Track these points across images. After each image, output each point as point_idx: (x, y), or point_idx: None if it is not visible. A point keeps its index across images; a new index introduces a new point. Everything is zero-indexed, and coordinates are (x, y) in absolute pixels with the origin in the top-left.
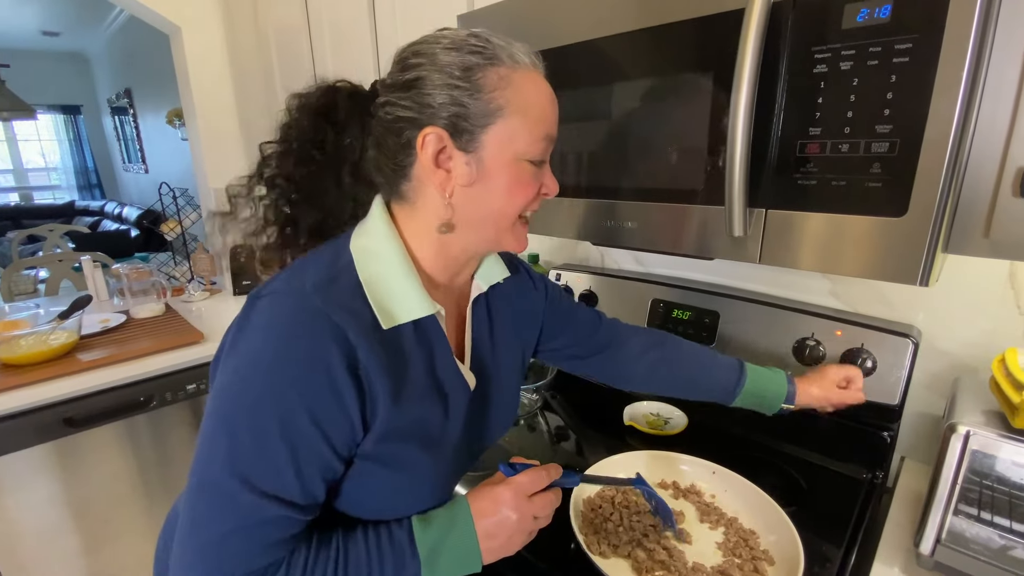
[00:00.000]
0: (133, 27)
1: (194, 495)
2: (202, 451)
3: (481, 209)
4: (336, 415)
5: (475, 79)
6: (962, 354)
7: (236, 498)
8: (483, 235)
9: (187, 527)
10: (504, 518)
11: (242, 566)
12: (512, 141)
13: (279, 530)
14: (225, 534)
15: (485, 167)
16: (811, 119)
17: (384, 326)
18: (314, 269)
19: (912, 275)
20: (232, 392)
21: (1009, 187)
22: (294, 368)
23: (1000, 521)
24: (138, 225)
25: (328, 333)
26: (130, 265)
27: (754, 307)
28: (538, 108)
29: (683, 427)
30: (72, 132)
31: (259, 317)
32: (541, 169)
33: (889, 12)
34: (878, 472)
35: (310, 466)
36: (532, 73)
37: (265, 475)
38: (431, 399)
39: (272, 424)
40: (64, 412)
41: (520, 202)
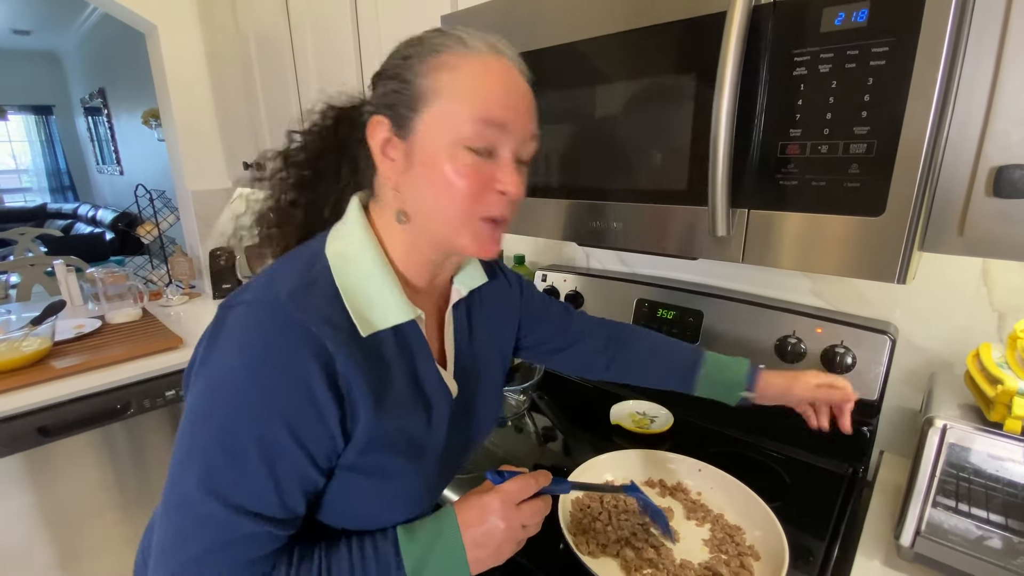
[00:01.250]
0: (107, 25)
1: (170, 514)
2: (176, 469)
3: (424, 200)
4: (316, 429)
5: (414, 66)
6: (938, 350)
7: (213, 516)
8: (434, 231)
9: (164, 548)
10: (492, 527)
11: None
12: (445, 125)
13: (259, 547)
14: (203, 553)
15: (419, 153)
16: (791, 120)
17: (363, 333)
18: (289, 276)
19: (889, 273)
20: (206, 408)
21: (983, 186)
22: (271, 383)
23: (977, 512)
24: (113, 228)
25: (305, 344)
26: (105, 269)
27: (737, 306)
28: (478, 90)
29: (669, 426)
30: (44, 133)
31: (232, 329)
32: (491, 161)
33: (866, 16)
34: (858, 466)
35: (290, 482)
36: (484, 57)
37: (243, 493)
38: (413, 407)
39: (249, 441)
40: (37, 421)
41: (460, 195)
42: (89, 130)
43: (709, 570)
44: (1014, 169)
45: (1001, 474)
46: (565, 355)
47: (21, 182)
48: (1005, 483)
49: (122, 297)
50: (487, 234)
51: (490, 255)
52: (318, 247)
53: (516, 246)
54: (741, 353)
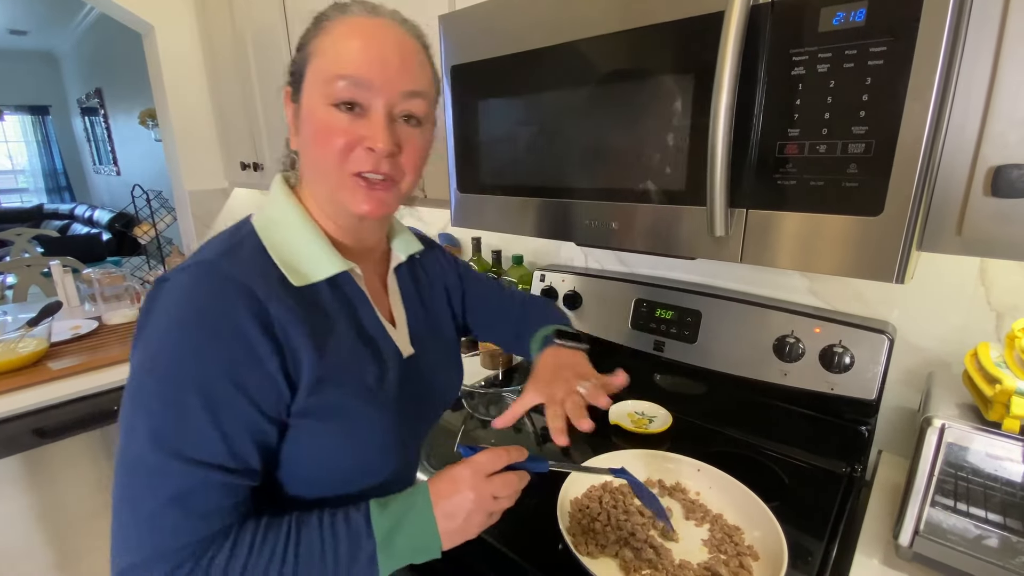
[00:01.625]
0: (104, 25)
1: (121, 476)
2: (123, 433)
3: (307, 159)
4: (256, 375)
5: (307, 34)
6: (936, 349)
7: (164, 469)
8: (320, 189)
9: (120, 509)
10: (462, 498)
11: (182, 537)
12: (316, 85)
13: (215, 496)
14: (159, 508)
15: (302, 115)
16: (790, 120)
17: (296, 283)
18: (215, 243)
19: (888, 273)
20: (147, 369)
21: (980, 186)
22: (206, 334)
23: (975, 511)
24: (110, 228)
25: (235, 293)
26: (102, 270)
27: (735, 306)
28: (338, 48)
29: (667, 425)
30: (40, 133)
31: (165, 296)
32: (362, 121)
33: (864, 15)
34: (857, 466)
35: (237, 430)
36: (354, 18)
37: (190, 444)
38: (361, 351)
39: (190, 392)
40: (34, 423)
41: (329, 150)
42: (86, 130)
43: (708, 570)
44: (1012, 169)
45: (999, 473)
46: (505, 329)
47: (17, 182)
48: (1003, 482)
49: (119, 298)
50: (364, 193)
51: (371, 213)
52: (243, 220)
53: (515, 246)
54: (740, 353)
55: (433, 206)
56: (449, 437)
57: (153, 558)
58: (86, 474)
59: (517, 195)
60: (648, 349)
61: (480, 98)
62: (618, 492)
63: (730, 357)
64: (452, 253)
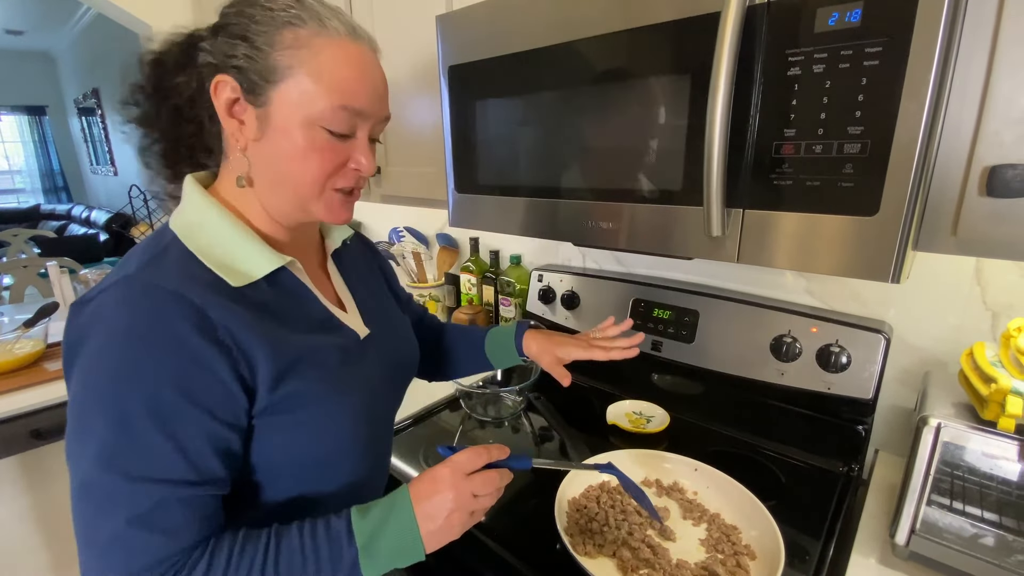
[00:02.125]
0: (101, 25)
1: (77, 501)
2: (71, 459)
3: (275, 168)
4: (205, 382)
5: (271, 35)
6: (932, 348)
7: (119, 491)
8: (285, 197)
9: (80, 535)
10: (442, 498)
11: (150, 556)
12: (301, 104)
13: (179, 512)
14: (121, 530)
15: (273, 125)
16: (786, 121)
17: (234, 284)
18: (136, 256)
19: (884, 272)
20: (87, 391)
21: (976, 186)
22: (145, 348)
23: (971, 510)
24: (107, 229)
25: (167, 302)
26: (99, 270)
27: (733, 305)
28: (336, 77)
29: (665, 425)
30: (37, 133)
31: (93, 317)
32: (347, 142)
33: (859, 16)
34: (853, 465)
35: (194, 441)
36: (342, 41)
37: (142, 461)
38: (317, 340)
39: (136, 409)
40: (31, 424)
41: (315, 169)
42: (83, 130)
43: (705, 570)
44: (1006, 169)
45: (995, 472)
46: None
47: (14, 183)
48: (999, 481)
49: None
50: (339, 203)
51: (343, 222)
52: (162, 228)
53: (513, 246)
54: (737, 353)
55: (431, 206)
56: (447, 437)
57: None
58: None
59: (515, 195)
60: (646, 349)
61: (477, 98)
62: (616, 492)
63: (727, 357)
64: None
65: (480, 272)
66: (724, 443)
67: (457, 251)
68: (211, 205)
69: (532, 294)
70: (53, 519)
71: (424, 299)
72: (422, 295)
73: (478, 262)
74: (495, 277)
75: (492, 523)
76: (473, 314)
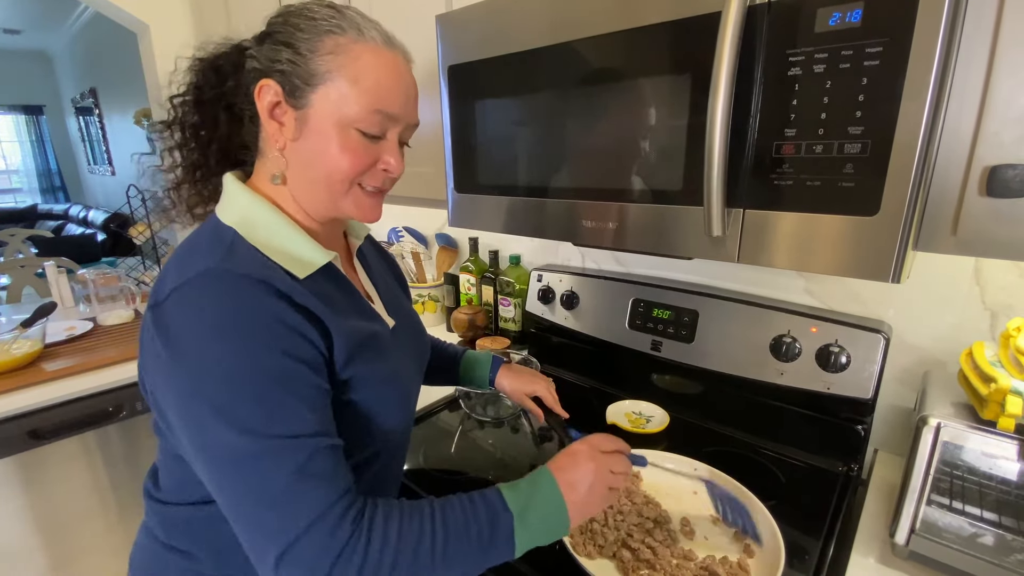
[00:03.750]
0: (98, 25)
1: (232, 475)
2: (209, 441)
3: (310, 168)
4: (307, 349)
5: (312, 41)
6: (931, 348)
7: (273, 451)
8: (317, 195)
9: (242, 507)
10: (583, 469)
11: (323, 499)
12: (338, 106)
13: (326, 460)
14: (287, 483)
15: (310, 126)
16: (786, 121)
17: (301, 276)
18: (202, 253)
19: (884, 272)
20: (204, 384)
21: (976, 186)
22: (246, 325)
23: (971, 510)
24: (105, 229)
25: (258, 287)
26: (97, 271)
27: (733, 305)
28: (372, 81)
29: (664, 425)
30: (34, 133)
31: (183, 311)
32: (378, 144)
33: (860, 16)
34: (853, 465)
35: (312, 398)
36: (378, 48)
37: (283, 421)
38: (365, 327)
39: (260, 378)
40: (28, 424)
41: (346, 168)
42: (80, 130)
43: (705, 570)
44: (1006, 169)
45: (994, 472)
46: None
47: (11, 183)
48: (998, 481)
49: (114, 299)
50: (368, 203)
51: (373, 220)
52: (213, 226)
53: (512, 246)
54: (737, 353)
55: (430, 206)
56: (446, 437)
57: (307, 529)
58: (81, 476)
59: (514, 195)
60: (645, 349)
61: (477, 98)
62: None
63: (727, 357)
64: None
65: (479, 272)
66: (723, 443)
67: (456, 251)
68: (262, 203)
69: (532, 294)
70: (50, 519)
71: (423, 299)
72: (421, 295)
73: (477, 262)
74: (494, 277)
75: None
76: (472, 314)
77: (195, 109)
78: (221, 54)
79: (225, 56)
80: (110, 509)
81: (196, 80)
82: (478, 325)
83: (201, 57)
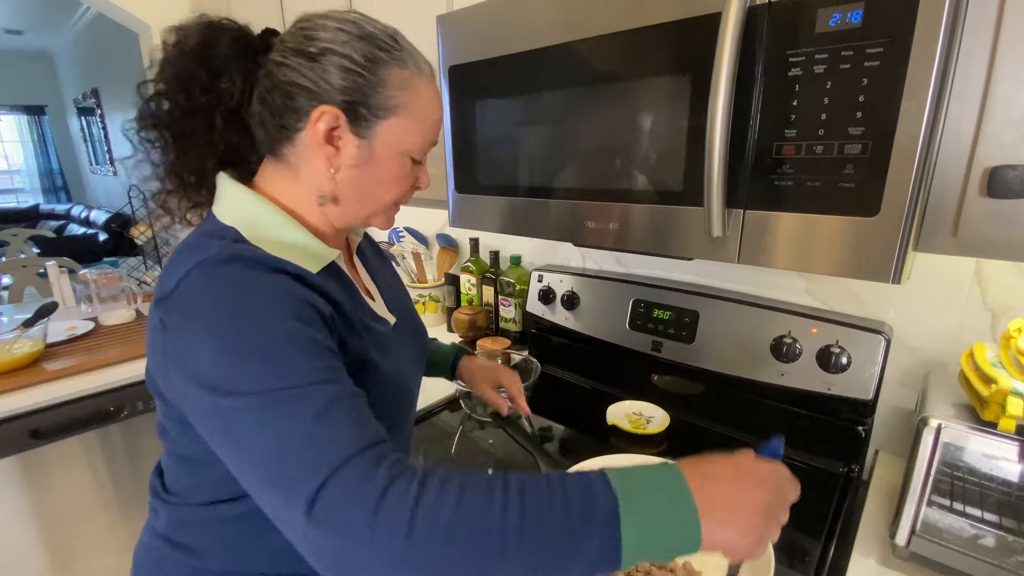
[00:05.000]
0: (100, 25)
1: (245, 438)
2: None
3: (363, 191)
4: (317, 320)
5: (380, 73)
6: (932, 349)
7: (294, 398)
8: (359, 213)
9: (268, 452)
10: (730, 466)
11: (352, 442)
12: (403, 138)
13: (352, 405)
14: (311, 426)
15: (374, 154)
16: (787, 121)
17: (312, 270)
18: (207, 248)
19: (885, 273)
20: (220, 351)
21: (976, 187)
22: (260, 296)
23: (972, 511)
24: (106, 229)
25: (270, 268)
26: (98, 270)
27: (733, 306)
28: (432, 116)
29: (665, 426)
30: (36, 133)
31: (190, 297)
32: (418, 166)
33: (860, 17)
34: (854, 466)
35: (327, 357)
36: (431, 83)
37: (302, 372)
38: (367, 325)
39: (275, 338)
40: (30, 424)
41: (397, 192)
42: (82, 130)
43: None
44: (1007, 170)
45: (995, 473)
46: None
47: (13, 183)
48: (999, 482)
49: (115, 299)
50: (393, 214)
51: (390, 227)
52: (214, 225)
53: (512, 247)
54: (738, 353)
55: (431, 207)
56: (446, 437)
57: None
58: (82, 476)
59: (515, 195)
60: (646, 350)
61: (478, 99)
62: None
63: (727, 357)
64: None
65: (480, 272)
66: (724, 444)
67: (457, 251)
68: (263, 203)
69: (532, 294)
70: (52, 520)
71: (424, 299)
72: (422, 295)
73: (478, 262)
74: (495, 277)
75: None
76: (473, 314)
77: (184, 115)
78: (208, 43)
79: (217, 47)
80: (111, 508)
81: (180, 78)
82: (479, 325)
83: (178, 29)
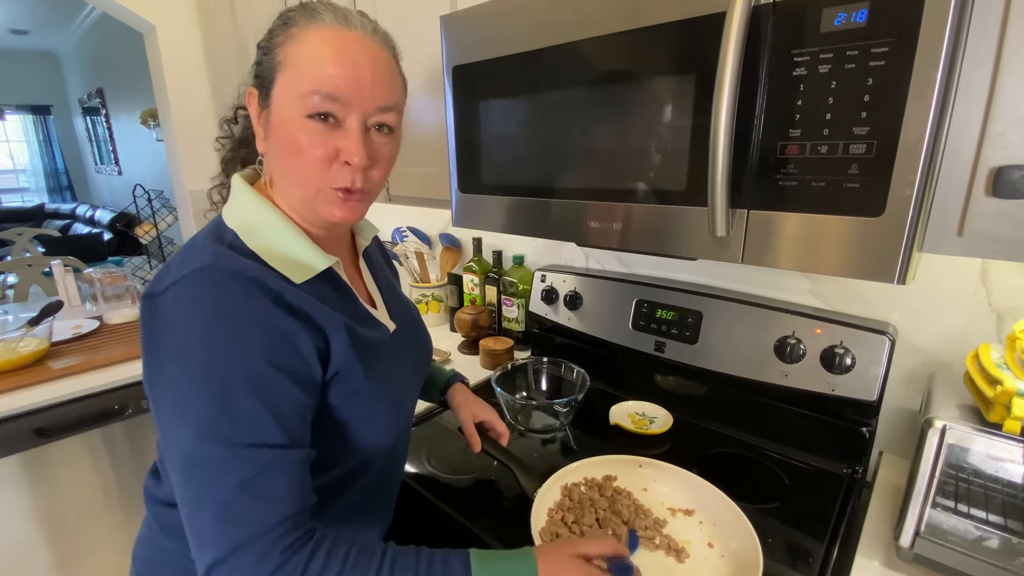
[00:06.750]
0: (105, 25)
1: (183, 478)
2: (172, 442)
3: (280, 167)
4: (291, 354)
5: (275, 40)
6: (936, 350)
7: (226, 459)
8: (294, 195)
9: (190, 510)
10: None
11: (259, 522)
12: (289, 96)
13: (281, 475)
14: (229, 496)
15: (272, 123)
16: (791, 121)
17: (297, 281)
18: (203, 250)
19: (889, 274)
20: (182, 376)
21: (982, 187)
22: (235, 326)
23: (976, 513)
24: (111, 228)
25: (250, 285)
26: (103, 269)
27: (737, 306)
28: (313, 63)
29: (668, 426)
30: (42, 133)
31: (175, 307)
32: (336, 134)
33: (866, 16)
34: (858, 467)
35: (283, 406)
36: (326, 28)
37: (244, 429)
38: (363, 334)
39: (232, 381)
40: (35, 422)
41: (309, 164)
42: (87, 130)
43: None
44: (1013, 170)
45: (1000, 475)
46: None
47: (19, 182)
48: (1004, 484)
49: (120, 297)
50: (339, 202)
51: (344, 219)
52: (215, 225)
53: (516, 246)
54: (741, 354)
55: (434, 206)
56: (449, 438)
57: (235, 549)
58: (87, 474)
59: (518, 195)
60: (649, 350)
61: (482, 99)
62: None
63: (731, 358)
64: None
65: (483, 272)
66: (727, 444)
67: (460, 251)
68: (264, 205)
69: (535, 294)
70: (55, 517)
71: (427, 299)
72: (425, 295)
73: (481, 262)
74: (498, 277)
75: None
76: (476, 314)
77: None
78: None
79: None
80: (115, 507)
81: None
82: (481, 325)
83: None
